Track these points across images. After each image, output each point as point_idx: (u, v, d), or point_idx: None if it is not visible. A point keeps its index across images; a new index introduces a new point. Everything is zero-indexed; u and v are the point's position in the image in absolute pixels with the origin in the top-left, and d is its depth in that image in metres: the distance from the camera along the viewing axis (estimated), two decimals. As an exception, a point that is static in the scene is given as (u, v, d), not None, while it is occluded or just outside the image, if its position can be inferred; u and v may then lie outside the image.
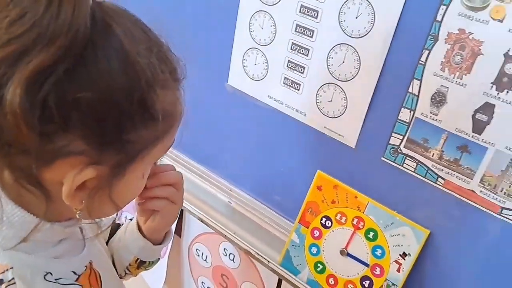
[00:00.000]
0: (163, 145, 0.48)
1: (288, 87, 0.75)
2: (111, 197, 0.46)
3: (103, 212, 0.50)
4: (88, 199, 0.44)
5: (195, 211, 0.91)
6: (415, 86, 0.61)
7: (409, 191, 0.66)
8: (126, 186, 0.47)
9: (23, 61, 0.36)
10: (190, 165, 0.96)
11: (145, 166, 0.49)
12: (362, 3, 0.62)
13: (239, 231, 0.88)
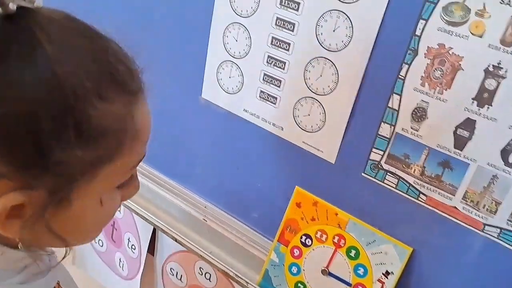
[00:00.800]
0: (119, 166, 0.42)
1: (264, 100, 0.73)
2: (54, 228, 0.41)
3: (49, 243, 0.46)
4: (26, 229, 0.39)
5: (168, 229, 0.87)
6: (395, 101, 0.60)
7: (390, 207, 0.65)
8: (77, 214, 0.42)
9: None
10: (162, 180, 0.92)
11: (101, 190, 0.43)
12: (340, 16, 0.61)
13: (215, 250, 0.85)
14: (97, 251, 1.22)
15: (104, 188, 0.43)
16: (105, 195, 0.44)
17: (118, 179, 0.44)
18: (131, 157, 0.43)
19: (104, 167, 0.40)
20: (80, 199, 0.41)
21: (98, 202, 0.43)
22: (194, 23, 0.76)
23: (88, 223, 0.45)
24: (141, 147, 0.44)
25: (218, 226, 0.84)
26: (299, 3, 0.64)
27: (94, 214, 0.45)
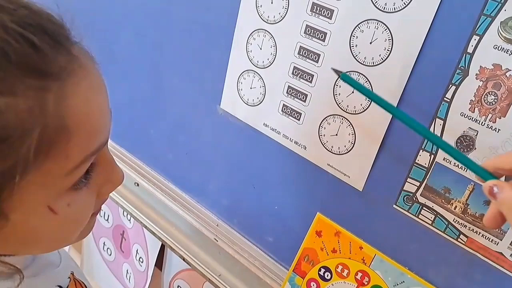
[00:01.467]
0: (54, 169, 0.35)
1: (287, 115, 0.66)
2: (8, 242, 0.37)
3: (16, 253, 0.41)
4: None
5: (177, 247, 0.81)
6: (438, 126, 0.52)
7: (424, 246, 0.57)
8: (25, 227, 0.37)
9: None
10: (174, 193, 0.86)
11: (44, 199, 0.36)
12: (378, 27, 0.53)
13: (225, 273, 0.78)
14: (105, 260, 1.17)
15: (46, 195, 0.36)
16: (55, 202, 0.37)
17: (62, 182, 0.37)
18: (69, 156, 0.35)
19: (26, 177, 0.33)
20: (17, 212, 0.35)
21: (47, 211, 0.37)
22: (216, 28, 0.70)
23: (46, 232, 0.39)
24: (86, 141, 0.36)
25: (230, 248, 0.77)
26: (332, 10, 0.57)
27: (49, 223, 0.38)
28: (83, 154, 0.37)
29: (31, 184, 0.34)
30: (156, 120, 0.84)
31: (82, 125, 0.35)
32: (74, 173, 0.37)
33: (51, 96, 0.33)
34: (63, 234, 0.42)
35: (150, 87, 0.82)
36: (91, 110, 0.36)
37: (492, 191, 0.41)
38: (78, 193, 0.39)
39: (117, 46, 0.85)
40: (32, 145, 0.32)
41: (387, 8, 0.52)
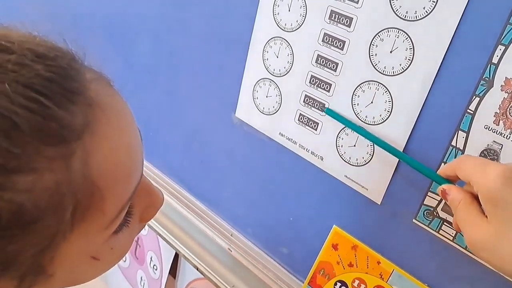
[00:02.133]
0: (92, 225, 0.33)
1: (303, 125, 0.64)
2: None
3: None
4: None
5: (190, 256, 0.80)
6: (460, 139, 0.50)
7: (445, 262, 0.55)
8: (69, 276, 0.36)
9: None
10: (188, 201, 0.85)
11: (86, 251, 0.35)
12: (399, 35, 0.52)
13: (238, 284, 0.77)
14: (120, 266, 1.16)
15: (88, 249, 0.35)
16: (98, 251, 0.36)
17: (103, 235, 0.35)
18: (106, 212, 0.33)
19: (66, 241, 0.31)
20: (61, 269, 0.34)
21: (90, 260, 0.36)
22: (233, 36, 0.69)
23: (90, 275, 0.39)
24: (121, 191, 0.34)
25: (243, 259, 0.76)
26: (351, 18, 0.55)
27: (93, 268, 0.38)
28: (120, 204, 0.35)
29: (71, 245, 0.33)
30: (171, 128, 0.84)
31: (113, 179, 0.32)
32: (113, 223, 0.35)
33: (77, 160, 0.29)
34: (104, 271, 0.41)
35: (166, 95, 0.82)
36: (120, 159, 0.33)
37: (444, 194, 0.45)
38: (121, 234, 0.38)
39: (134, 54, 0.84)
40: (67, 217, 0.30)
41: (408, 17, 0.51)
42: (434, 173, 0.49)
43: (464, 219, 0.41)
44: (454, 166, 0.44)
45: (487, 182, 0.38)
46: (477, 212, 0.41)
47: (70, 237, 0.32)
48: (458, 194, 0.43)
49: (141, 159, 0.37)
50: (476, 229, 0.40)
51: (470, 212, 0.41)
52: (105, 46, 0.87)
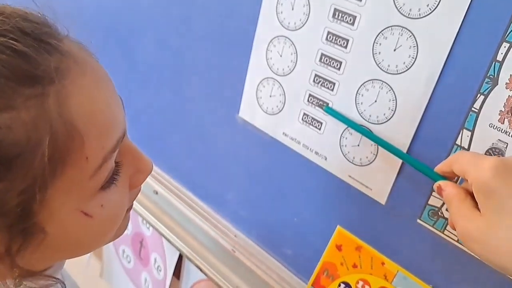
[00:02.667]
0: (78, 172, 0.34)
1: (307, 124, 0.64)
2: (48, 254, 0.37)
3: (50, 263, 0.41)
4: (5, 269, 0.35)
5: (194, 257, 0.80)
6: (465, 138, 0.49)
7: (450, 263, 0.54)
8: (63, 235, 0.37)
9: None
10: (192, 201, 0.85)
11: (74, 205, 0.36)
12: (402, 34, 0.51)
13: (242, 286, 0.76)
14: (124, 267, 1.16)
15: (77, 201, 0.36)
16: (87, 205, 0.37)
17: (89, 185, 0.36)
18: (88, 158, 0.34)
19: (49, 188, 0.33)
20: (52, 223, 0.35)
21: (82, 216, 0.37)
22: (236, 35, 0.69)
23: (86, 236, 0.39)
24: (101, 139, 0.35)
25: (247, 260, 0.76)
26: (355, 16, 0.55)
27: (86, 228, 0.38)
28: (103, 153, 0.35)
29: (58, 194, 0.34)
30: (175, 127, 0.84)
31: (92, 123, 0.34)
32: (98, 174, 0.36)
33: (51, 101, 0.31)
34: (101, 235, 0.42)
35: (170, 95, 0.82)
36: (98, 106, 0.35)
37: (439, 190, 0.45)
38: (109, 191, 0.38)
39: (138, 53, 0.85)
40: (45, 155, 0.31)
41: (411, 14, 0.50)
42: (434, 173, 0.48)
43: (457, 212, 0.42)
44: (450, 162, 0.45)
45: (479, 174, 0.39)
46: (470, 206, 0.41)
47: (55, 183, 0.33)
48: (452, 189, 0.43)
49: (122, 117, 0.39)
50: (468, 221, 0.40)
51: (463, 206, 0.41)
52: (110, 46, 0.87)
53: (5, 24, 0.31)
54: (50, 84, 0.31)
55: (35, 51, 0.31)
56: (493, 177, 0.38)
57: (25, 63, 0.30)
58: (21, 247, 0.34)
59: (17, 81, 0.30)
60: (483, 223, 0.39)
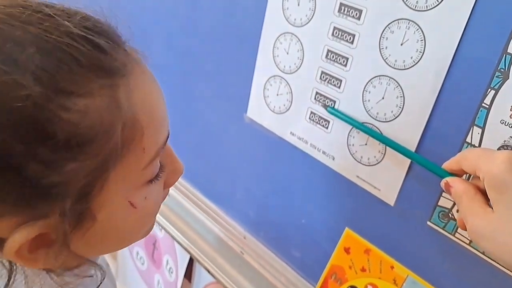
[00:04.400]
0: (133, 163, 0.36)
1: (314, 123, 0.62)
2: (90, 242, 0.38)
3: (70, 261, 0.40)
4: (54, 255, 0.35)
5: (203, 259, 0.79)
6: (476, 135, 0.47)
7: (461, 267, 0.51)
8: (108, 225, 0.38)
9: None
10: (201, 202, 0.84)
11: (125, 194, 0.38)
12: (409, 27, 0.49)
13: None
14: (138, 269, 1.17)
15: (127, 190, 0.38)
16: (135, 196, 0.39)
17: (140, 176, 0.39)
18: (145, 150, 0.37)
19: (113, 171, 0.35)
20: (103, 211, 0.37)
21: (128, 206, 0.39)
22: (243, 33, 0.68)
23: (123, 230, 0.41)
24: (156, 133, 0.38)
25: (255, 262, 0.74)
26: (361, 10, 0.53)
27: (129, 218, 0.40)
28: (156, 147, 0.38)
29: (115, 181, 0.36)
30: (184, 127, 0.83)
31: (151, 117, 0.37)
32: (150, 167, 0.39)
33: (121, 92, 0.34)
34: (139, 228, 0.44)
35: (178, 95, 0.81)
36: (155, 103, 0.38)
37: (448, 186, 0.44)
38: (152, 186, 0.41)
39: (147, 54, 0.84)
40: (118, 140, 0.34)
41: (418, 7, 0.48)
42: (444, 172, 0.46)
43: (467, 209, 0.40)
44: (459, 158, 0.43)
45: (493, 168, 0.37)
46: (482, 202, 0.39)
47: (116, 169, 0.35)
48: (461, 185, 0.42)
49: (168, 119, 0.42)
50: (478, 217, 0.39)
51: (473, 203, 0.40)
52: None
53: (86, 23, 0.34)
54: (120, 77, 0.34)
55: (110, 47, 0.34)
56: (507, 171, 0.37)
57: (102, 56, 0.33)
58: (71, 233, 0.35)
59: (94, 72, 0.33)
60: (495, 220, 0.37)
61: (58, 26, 0.32)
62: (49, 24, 0.32)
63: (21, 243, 0.34)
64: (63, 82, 0.31)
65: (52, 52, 0.31)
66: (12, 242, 0.33)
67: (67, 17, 0.33)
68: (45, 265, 0.36)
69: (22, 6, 0.32)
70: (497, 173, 0.37)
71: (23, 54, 0.30)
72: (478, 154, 0.40)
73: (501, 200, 0.37)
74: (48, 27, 0.32)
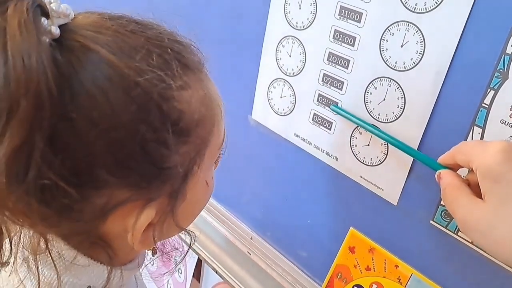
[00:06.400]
0: (214, 145, 0.42)
1: (317, 125, 0.63)
2: (178, 221, 0.41)
3: (171, 235, 0.46)
4: (158, 234, 0.40)
5: (210, 260, 0.80)
6: (476, 135, 0.47)
7: (464, 266, 0.52)
8: (192, 202, 0.42)
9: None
10: (208, 203, 0.85)
11: (205, 173, 0.43)
12: (409, 29, 0.50)
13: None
14: (148, 269, 1.18)
15: (207, 170, 0.43)
16: (208, 175, 0.44)
17: (214, 157, 0.44)
18: (220, 132, 0.43)
19: (208, 151, 0.40)
20: (193, 189, 0.40)
21: (205, 185, 0.43)
22: (247, 36, 0.68)
23: (199, 205, 0.46)
24: (222, 118, 0.43)
25: (262, 262, 0.75)
26: (361, 13, 0.54)
27: (204, 196, 0.45)
28: (223, 132, 0.44)
29: (205, 159, 0.41)
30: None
31: (220, 106, 0.42)
32: (220, 149, 0.45)
33: (205, 83, 0.40)
34: (202, 208, 0.47)
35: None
36: (219, 96, 0.43)
37: (439, 178, 0.45)
38: (213, 167, 0.46)
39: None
40: (213, 122, 0.40)
41: (417, 9, 0.49)
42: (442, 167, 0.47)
43: (454, 201, 0.40)
44: (453, 152, 0.43)
45: (486, 158, 0.37)
46: (466, 193, 0.40)
47: (208, 149, 0.40)
48: (448, 176, 0.43)
49: None
50: (470, 209, 0.38)
51: (458, 192, 0.40)
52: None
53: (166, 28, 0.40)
54: (201, 72, 0.40)
55: (195, 49, 0.41)
56: (502, 161, 0.36)
57: (190, 54, 0.39)
58: (176, 208, 0.39)
59: (189, 69, 0.38)
60: (487, 211, 0.37)
61: (161, 33, 0.38)
62: (155, 31, 0.37)
63: (144, 225, 0.37)
64: (176, 78, 0.35)
65: (164, 54, 0.36)
66: (139, 225, 0.37)
67: (155, 25, 0.39)
68: (152, 244, 0.39)
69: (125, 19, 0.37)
70: (491, 163, 0.37)
71: (151, 57, 0.34)
72: (471, 146, 0.41)
73: (495, 190, 0.37)
74: (156, 34, 0.37)
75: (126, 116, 0.32)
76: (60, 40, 0.31)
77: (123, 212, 0.37)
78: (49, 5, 0.31)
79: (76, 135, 0.31)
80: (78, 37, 0.32)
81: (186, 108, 0.36)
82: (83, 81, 0.31)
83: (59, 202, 0.32)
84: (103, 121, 0.32)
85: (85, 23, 0.34)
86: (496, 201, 0.37)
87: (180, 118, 0.36)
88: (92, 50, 0.32)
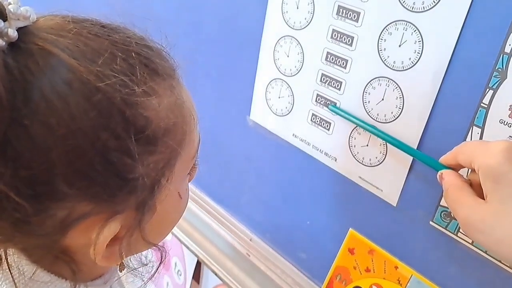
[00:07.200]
0: (186, 155, 0.40)
1: (316, 125, 0.62)
2: (147, 235, 0.39)
3: (140, 250, 0.44)
4: (125, 249, 0.38)
5: (210, 262, 0.80)
6: (475, 135, 0.47)
7: (464, 267, 0.51)
8: (163, 216, 0.40)
9: None
10: (208, 205, 0.84)
11: (177, 185, 0.41)
12: (407, 28, 0.49)
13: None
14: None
15: (179, 182, 0.41)
16: (181, 187, 0.42)
17: (187, 168, 0.42)
18: (193, 142, 0.41)
19: (178, 162, 0.38)
20: (163, 202, 0.39)
21: (177, 197, 0.42)
22: (245, 37, 0.68)
23: (172, 219, 0.44)
24: (196, 128, 0.41)
25: (261, 264, 0.75)
26: (359, 12, 0.53)
27: (177, 209, 0.43)
28: (197, 141, 0.42)
29: (177, 172, 0.39)
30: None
31: (194, 115, 0.40)
32: (194, 159, 0.42)
33: (177, 91, 0.38)
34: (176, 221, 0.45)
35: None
36: (193, 105, 0.41)
37: (440, 178, 0.44)
38: (187, 179, 0.44)
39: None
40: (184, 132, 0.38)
41: (415, 8, 0.48)
42: (443, 167, 0.46)
43: (453, 200, 0.40)
44: (455, 152, 0.43)
45: (489, 158, 0.37)
46: (468, 193, 0.39)
47: (178, 160, 0.38)
48: (450, 176, 0.43)
49: None
50: (472, 209, 0.38)
51: (460, 192, 0.40)
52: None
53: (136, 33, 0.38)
54: (173, 79, 0.38)
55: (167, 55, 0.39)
56: (504, 161, 0.36)
57: (161, 61, 0.37)
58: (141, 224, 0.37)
59: (158, 75, 0.36)
60: (489, 212, 0.37)
61: (129, 38, 0.36)
62: (123, 36, 0.36)
63: (107, 240, 0.35)
64: (143, 84, 0.34)
65: (129, 59, 0.34)
66: (102, 239, 0.35)
67: (123, 29, 0.37)
68: (119, 260, 0.38)
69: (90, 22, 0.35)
70: (493, 163, 0.37)
71: (116, 63, 0.33)
72: (473, 145, 0.40)
73: (497, 190, 0.36)
74: (124, 39, 0.35)
75: (85, 122, 0.31)
76: (17, 43, 0.30)
77: (85, 225, 0.35)
78: (7, 7, 0.29)
79: (30, 142, 0.30)
80: (37, 40, 0.31)
81: (153, 115, 0.34)
82: (41, 86, 0.30)
83: (11, 215, 0.31)
84: (60, 128, 0.30)
85: (47, 26, 0.32)
86: (498, 201, 0.36)
87: (145, 126, 0.34)
88: (51, 54, 0.30)
